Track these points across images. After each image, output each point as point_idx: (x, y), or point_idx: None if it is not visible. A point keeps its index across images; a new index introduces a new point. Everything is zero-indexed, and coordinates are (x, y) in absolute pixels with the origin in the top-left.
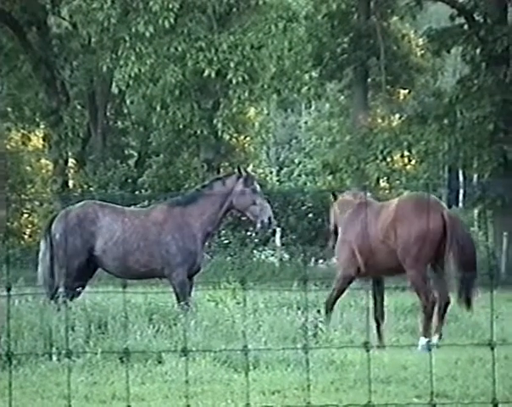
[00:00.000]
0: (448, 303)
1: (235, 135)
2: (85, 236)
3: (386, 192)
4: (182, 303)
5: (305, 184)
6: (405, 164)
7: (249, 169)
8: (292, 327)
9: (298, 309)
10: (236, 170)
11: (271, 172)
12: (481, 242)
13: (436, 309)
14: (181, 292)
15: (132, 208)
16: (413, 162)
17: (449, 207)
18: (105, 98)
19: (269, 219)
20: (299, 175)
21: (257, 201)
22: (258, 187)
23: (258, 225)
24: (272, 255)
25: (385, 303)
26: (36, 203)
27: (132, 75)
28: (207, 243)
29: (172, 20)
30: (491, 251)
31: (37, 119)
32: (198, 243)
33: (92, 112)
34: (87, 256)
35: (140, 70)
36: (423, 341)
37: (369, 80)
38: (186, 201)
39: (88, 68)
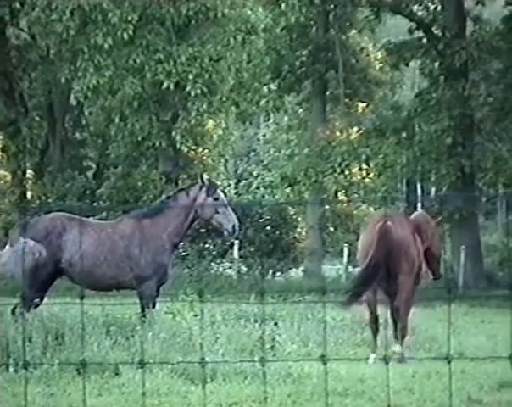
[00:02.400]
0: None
1: (193, 147)
2: (52, 248)
3: (344, 205)
4: (145, 313)
5: (263, 196)
6: (363, 177)
7: None
8: (249, 340)
9: (256, 321)
10: (199, 180)
11: (229, 184)
12: None
13: (381, 321)
14: (148, 304)
15: (100, 221)
16: (371, 175)
17: None
18: (64, 110)
19: (234, 226)
20: (257, 188)
21: (220, 209)
22: (221, 195)
23: (225, 233)
24: (230, 267)
25: (342, 316)
26: None
27: (91, 86)
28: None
29: (131, 32)
30: (448, 265)
31: None
32: (167, 255)
33: (51, 123)
34: (53, 268)
35: (98, 82)
36: (371, 357)
37: (327, 93)
38: (152, 213)
39: (47, 79)
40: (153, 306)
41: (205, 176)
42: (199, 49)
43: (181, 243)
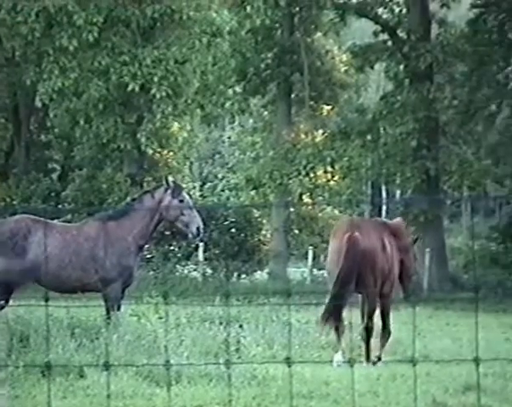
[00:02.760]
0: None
1: (158, 149)
2: (17, 250)
3: (309, 207)
4: (110, 316)
5: (228, 199)
6: (328, 180)
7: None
8: (214, 342)
9: (221, 323)
10: (164, 182)
11: (194, 187)
12: None
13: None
14: (113, 306)
15: (65, 223)
16: (336, 178)
17: None
18: (29, 112)
19: (198, 228)
20: (222, 190)
21: (185, 211)
22: (186, 197)
23: (190, 236)
24: (195, 270)
25: (307, 319)
26: None
27: (56, 88)
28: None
29: (96, 34)
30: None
31: None
32: (132, 257)
33: (16, 125)
34: (18, 271)
35: (64, 84)
36: (335, 358)
37: (292, 95)
38: (117, 215)
39: (12, 81)
40: (118, 308)
41: (170, 178)
42: (164, 52)
43: (147, 246)
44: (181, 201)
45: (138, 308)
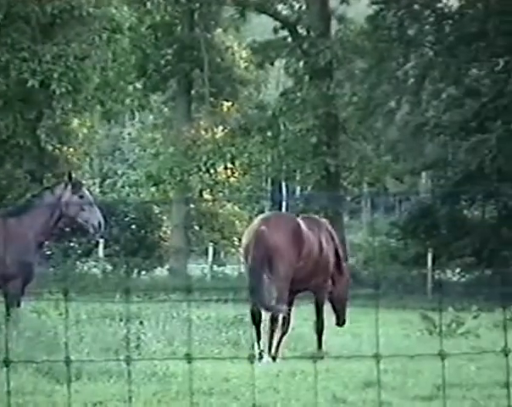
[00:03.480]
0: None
1: (58, 146)
2: None
3: (209, 204)
4: (10, 312)
5: (128, 195)
6: (228, 176)
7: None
8: (114, 339)
9: (121, 320)
10: (66, 178)
11: (94, 183)
12: None
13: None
14: (13, 302)
15: None
16: (236, 174)
17: None
18: None
19: (99, 223)
20: (123, 187)
21: (85, 207)
22: (86, 193)
23: (91, 230)
24: (95, 266)
25: (207, 315)
26: None
27: None
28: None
29: None
30: None
31: None
32: (32, 254)
33: None
34: None
35: None
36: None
37: (192, 92)
38: (17, 212)
39: None
40: (18, 305)
41: (73, 175)
42: (64, 48)
43: (47, 242)
44: (81, 197)
45: (38, 304)
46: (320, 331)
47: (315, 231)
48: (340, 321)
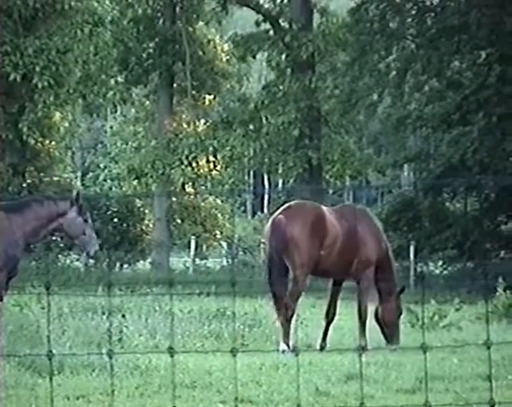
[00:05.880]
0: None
1: (40, 139)
2: None
3: (192, 197)
4: None
5: (110, 189)
6: (210, 170)
7: (54, 174)
8: (96, 332)
9: (103, 313)
10: (74, 195)
11: (76, 177)
12: None
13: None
14: None
15: None
16: (218, 167)
17: (254, 213)
18: None
19: (95, 251)
20: (104, 180)
21: (87, 231)
22: (89, 217)
23: (85, 254)
24: (77, 260)
25: (189, 308)
26: None
27: None
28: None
29: None
30: None
31: None
32: (19, 250)
33: None
34: None
35: None
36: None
37: (174, 85)
38: (11, 208)
39: None
40: (1, 299)
41: (79, 193)
42: (46, 41)
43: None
44: (86, 221)
45: (20, 298)
46: (362, 321)
47: (349, 220)
48: (392, 342)
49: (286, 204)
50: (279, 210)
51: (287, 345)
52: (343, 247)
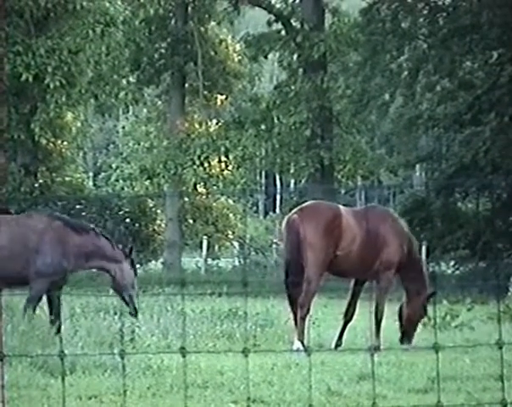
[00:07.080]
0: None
1: (52, 139)
2: None
3: (203, 197)
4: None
5: (122, 189)
6: (222, 170)
7: (66, 174)
8: (108, 332)
9: (115, 313)
10: (128, 250)
11: (88, 177)
12: None
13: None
14: (31, 302)
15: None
16: (230, 167)
17: (266, 213)
18: None
19: (136, 309)
20: (117, 180)
21: (135, 285)
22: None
23: (122, 298)
24: None
25: (201, 308)
26: None
27: None
28: None
29: None
30: None
31: None
32: (71, 264)
33: None
34: None
35: None
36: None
37: (186, 85)
38: (70, 224)
39: None
40: (34, 308)
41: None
42: (58, 41)
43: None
44: (135, 274)
45: None
46: (378, 321)
47: (371, 221)
48: (406, 340)
49: (304, 204)
50: (294, 210)
51: (302, 343)
52: (363, 248)
